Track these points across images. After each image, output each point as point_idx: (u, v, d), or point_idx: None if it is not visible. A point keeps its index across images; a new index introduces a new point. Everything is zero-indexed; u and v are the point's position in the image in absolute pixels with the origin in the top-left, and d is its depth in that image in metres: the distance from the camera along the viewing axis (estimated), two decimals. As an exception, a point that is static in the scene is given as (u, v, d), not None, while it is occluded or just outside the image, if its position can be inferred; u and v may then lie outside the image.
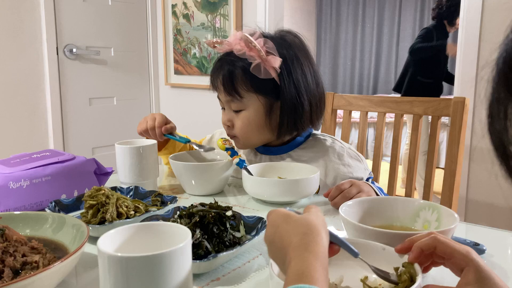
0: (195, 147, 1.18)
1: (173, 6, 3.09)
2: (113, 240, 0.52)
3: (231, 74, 1.07)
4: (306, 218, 0.54)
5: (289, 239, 0.52)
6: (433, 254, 0.56)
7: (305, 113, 1.10)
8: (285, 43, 1.10)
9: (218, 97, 1.15)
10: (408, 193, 1.41)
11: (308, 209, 0.58)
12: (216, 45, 1.12)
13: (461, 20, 2.19)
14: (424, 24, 6.20)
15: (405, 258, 0.58)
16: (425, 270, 0.58)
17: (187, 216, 0.72)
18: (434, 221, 0.72)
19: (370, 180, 1.14)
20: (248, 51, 1.05)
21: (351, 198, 0.92)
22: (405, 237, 0.61)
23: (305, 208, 0.59)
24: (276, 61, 1.04)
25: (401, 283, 0.54)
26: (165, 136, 1.19)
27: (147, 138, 1.20)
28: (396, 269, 0.56)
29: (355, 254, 0.58)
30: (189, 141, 1.18)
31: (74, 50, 2.80)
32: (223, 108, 1.16)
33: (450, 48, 3.32)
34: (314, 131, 1.23)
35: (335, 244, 0.57)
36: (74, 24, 2.81)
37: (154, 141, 1.12)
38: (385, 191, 1.49)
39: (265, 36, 1.09)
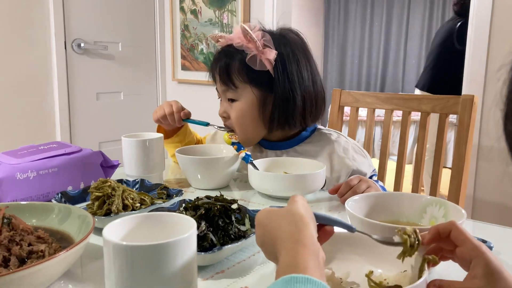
0: (215, 128, 1.19)
1: (181, 1, 3.09)
2: (118, 229, 0.52)
3: (228, 65, 1.10)
4: (288, 210, 0.54)
5: (276, 234, 0.51)
6: (442, 249, 0.56)
7: (297, 108, 1.10)
8: (283, 39, 1.12)
9: (216, 88, 1.18)
10: (415, 192, 1.40)
11: (291, 199, 0.57)
12: (219, 39, 1.13)
13: (471, 18, 2.17)
14: (433, 24, 6.15)
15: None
16: (433, 264, 0.57)
17: (192, 209, 0.72)
18: (441, 217, 0.71)
19: (374, 177, 1.14)
20: (246, 43, 1.07)
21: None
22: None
23: (289, 199, 0.58)
24: (271, 54, 1.06)
25: (404, 243, 0.54)
26: (184, 121, 1.20)
27: (163, 125, 1.22)
28: (399, 230, 0.56)
29: (351, 229, 0.57)
30: (208, 123, 1.19)
31: (82, 44, 2.81)
32: (221, 100, 1.18)
33: None
34: (319, 126, 1.23)
35: (328, 225, 0.57)
36: (82, 18, 2.82)
37: (161, 135, 1.12)
38: (392, 190, 1.49)
39: (264, 31, 1.11)
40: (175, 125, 1.22)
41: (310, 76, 1.12)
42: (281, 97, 1.09)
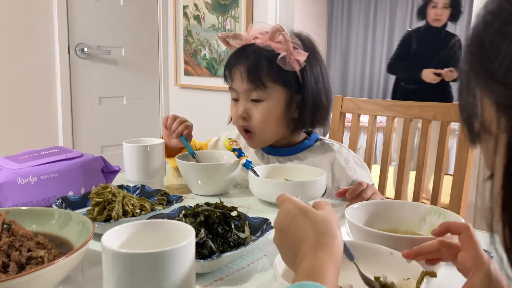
0: (194, 159, 1.14)
1: (184, 7, 3.11)
2: (117, 237, 0.52)
3: (258, 63, 1.08)
4: (324, 216, 0.53)
5: (306, 234, 0.51)
6: (440, 259, 0.56)
7: (323, 108, 1.13)
8: (303, 42, 1.13)
9: (231, 87, 1.14)
10: (416, 200, 1.40)
11: (321, 205, 0.56)
12: (228, 39, 1.13)
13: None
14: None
15: (412, 263, 0.57)
16: (432, 262, 0.58)
17: (192, 215, 0.72)
18: (441, 226, 0.71)
19: None
20: (273, 44, 1.07)
21: (367, 200, 0.93)
22: (411, 241, 0.61)
23: (316, 203, 0.58)
24: (302, 55, 1.07)
25: None
26: (181, 138, 1.17)
27: (165, 129, 1.20)
28: (377, 278, 0.56)
29: (351, 258, 0.57)
30: (195, 156, 1.15)
31: (86, 49, 2.83)
32: (235, 100, 1.15)
33: (426, 75, 2.98)
34: (321, 137, 1.24)
35: None
36: (86, 23, 2.84)
37: (162, 140, 1.12)
38: (393, 197, 1.48)
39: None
40: (172, 135, 1.17)
41: (327, 78, 1.16)
42: (310, 99, 1.11)
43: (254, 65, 1.08)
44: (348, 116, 1.62)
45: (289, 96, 1.11)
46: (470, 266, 0.51)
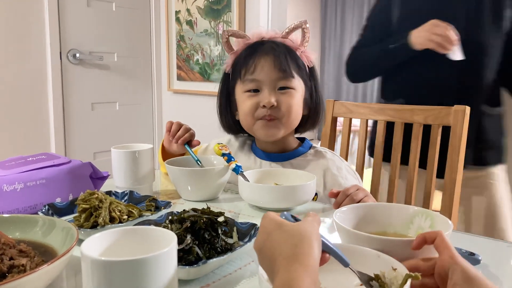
0: (199, 165, 1.13)
1: (177, 12, 3.11)
2: (98, 244, 0.51)
3: (285, 54, 1.12)
4: (299, 228, 0.52)
5: (280, 248, 0.50)
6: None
7: (323, 109, 1.21)
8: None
9: (252, 79, 1.11)
10: (408, 203, 1.40)
11: (306, 216, 0.57)
12: (232, 37, 1.17)
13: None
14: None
15: (400, 267, 0.57)
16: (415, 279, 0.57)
17: (178, 222, 0.71)
18: (428, 227, 0.71)
19: None
20: (287, 41, 1.15)
21: (358, 202, 0.93)
22: (398, 243, 0.61)
23: (306, 214, 0.57)
24: (313, 54, 1.17)
25: None
26: (185, 145, 1.17)
27: (166, 139, 1.21)
28: (377, 276, 0.55)
29: (345, 264, 0.57)
30: (199, 162, 1.14)
31: (78, 55, 2.81)
32: (256, 91, 1.12)
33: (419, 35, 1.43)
34: (314, 144, 1.24)
35: (326, 252, 0.56)
36: (78, 29, 2.83)
37: (150, 146, 1.11)
38: (385, 199, 1.48)
39: None
40: (174, 141, 1.18)
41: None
42: (317, 95, 1.18)
43: (282, 55, 1.11)
44: (340, 119, 1.62)
45: (304, 89, 1.16)
46: (448, 265, 0.52)
